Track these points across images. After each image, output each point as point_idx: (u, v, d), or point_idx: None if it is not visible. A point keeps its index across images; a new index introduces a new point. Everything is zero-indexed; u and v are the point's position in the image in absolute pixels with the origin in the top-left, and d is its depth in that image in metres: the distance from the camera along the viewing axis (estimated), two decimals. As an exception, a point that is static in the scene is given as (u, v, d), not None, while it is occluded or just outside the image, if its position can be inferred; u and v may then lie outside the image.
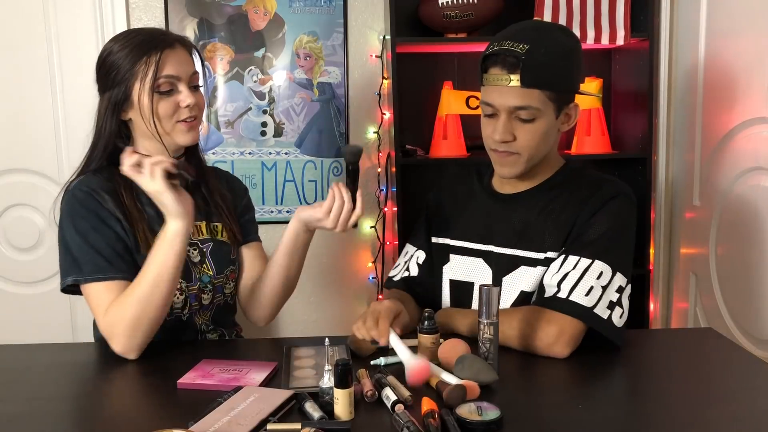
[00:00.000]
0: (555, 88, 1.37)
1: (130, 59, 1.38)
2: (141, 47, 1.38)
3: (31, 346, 1.47)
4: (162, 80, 1.38)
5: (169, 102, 1.40)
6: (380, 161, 2.59)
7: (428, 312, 1.29)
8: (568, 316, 1.30)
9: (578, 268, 1.34)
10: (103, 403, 1.21)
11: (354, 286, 2.67)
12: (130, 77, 1.38)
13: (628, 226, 1.42)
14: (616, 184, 1.45)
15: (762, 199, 2.06)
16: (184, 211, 1.31)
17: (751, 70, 2.09)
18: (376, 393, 1.11)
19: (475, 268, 1.50)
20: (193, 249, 1.49)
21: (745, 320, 2.15)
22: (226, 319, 1.58)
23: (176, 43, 1.42)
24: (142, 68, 1.37)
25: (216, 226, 1.55)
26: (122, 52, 1.39)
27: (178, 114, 1.41)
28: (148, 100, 1.38)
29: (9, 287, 2.57)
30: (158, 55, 1.38)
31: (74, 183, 1.43)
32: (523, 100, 1.37)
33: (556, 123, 1.42)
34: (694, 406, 1.13)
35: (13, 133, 2.49)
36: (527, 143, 1.40)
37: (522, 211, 1.46)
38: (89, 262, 1.36)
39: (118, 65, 1.39)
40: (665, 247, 2.66)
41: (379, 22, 2.55)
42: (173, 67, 1.39)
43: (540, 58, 1.35)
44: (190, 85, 1.43)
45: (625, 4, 2.37)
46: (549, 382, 1.26)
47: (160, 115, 1.39)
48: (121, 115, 1.42)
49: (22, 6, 2.44)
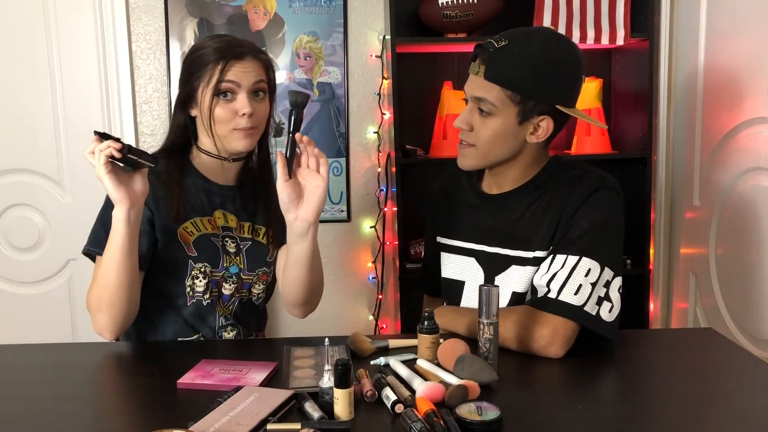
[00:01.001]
0: (517, 90, 1.35)
1: (203, 61, 1.45)
2: (215, 53, 1.44)
3: (31, 346, 1.47)
4: (223, 84, 1.43)
5: (227, 108, 1.44)
6: (380, 161, 2.60)
7: (428, 312, 1.28)
8: (559, 317, 1.30)
9: (566, 266, 1.34)
10: (103, 403, 1.21)
11: (354, 286, 2.67)
12: (198, 77, 1.45)
13: (613, 218, 1.38)
14: (598, 177, 1.41)
15: (762, 199, 2.06)
16: (121, 197, 1.31)
17: (751, 70, 2.09)
18: (376, 393, 1.11)
19: (467, 268, 1.50)
20: (232, 241, 1.54)
21: (745, 320, 2.15)
22: (248, 318, 1.59)
23: (247, 54, 1.46)
24: (210, 71, 1.43)
25: (259, 228, 1.58)
26: (203, 54, 1.46)
27: (236, 122, 1.45)
28: (208, 102, 1.44)
29: (9, 287, 2.57)
30: (226, 62, 1.43)
31: None
32: (481, 92, 1.38)
33: (518, 129, 1.39)
34: (694, 406, 1.13)
35: (13, 133, 2.49)
36: (481, 136, 1.40)
37: (509, 211, 1.46)
38: (94, 234, 1.45)
39: (195, 65, 1.46)
40: (665, 247, 2.66)
41: (379, 22, 2.55)
42: (236, 73, 1.44)
43: (510, 56, 1.35)
44: (252, 92, 1.46)
45: (625, 4, 2.37)
46: (549, 381, 1.26)
47: (217, 118, 1.44)
48: (189, 111, 1.50)
49: (22, 6, 2.45)
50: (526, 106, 1.37)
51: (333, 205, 2.62)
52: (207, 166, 1.54)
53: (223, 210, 1.54)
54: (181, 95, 1.50)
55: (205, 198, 1.52)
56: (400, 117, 2.39)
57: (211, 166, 1.54)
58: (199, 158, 1.54)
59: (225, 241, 1.53)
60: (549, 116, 1.39)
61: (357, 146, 2.61)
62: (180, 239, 1.47)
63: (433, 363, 1.24)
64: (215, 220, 1.53)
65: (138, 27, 2.50)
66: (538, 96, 1.36)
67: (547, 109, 1.38)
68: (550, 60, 1.36)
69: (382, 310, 2.65)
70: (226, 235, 1.53)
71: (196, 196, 1.51)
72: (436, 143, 2.51)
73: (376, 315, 2.65)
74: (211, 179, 1.54)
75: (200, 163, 1.54)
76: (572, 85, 1.40)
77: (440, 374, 1.19)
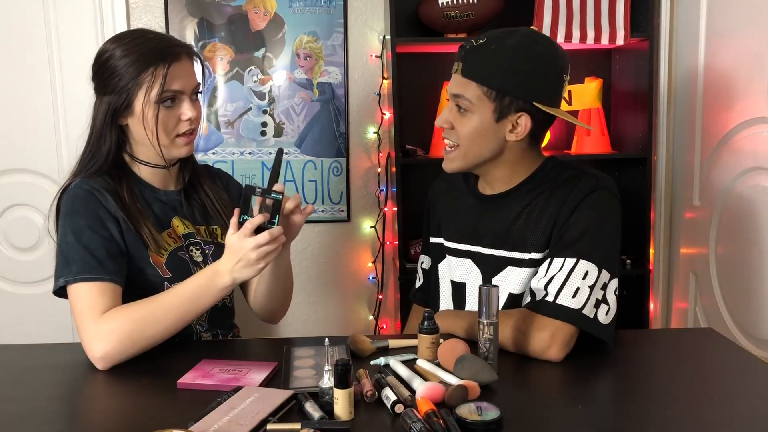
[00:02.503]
0: (492, 86, 1.36)
1: (136, 68, 1.37)
2: (148, 57, 1.37)
3: (31, 346, 1.47)
4: (168, 94, 1.39)
5: (171, 115, 1.41)
6: (380, 161, 2.59)
7: (428, 312, 1.29)
8: (558, 321, 1.29)
9: (564, 269, 1.33)
10: (103, 403, 1.21)
11: (354, 286, 2.67)
12: (134, 86, 1.38)
13: (609, 220, 1.38)
14: (594, 178, 1.40)
15: (762, 199, 2.06)
16: (245, 278, 1.30)
17: (751, 70, 2.09)
18: (376, 393, 1.11)
19: (466, 269, 1.50)
20: (196, 248, 1.50)
21: (745, 320, 2.15)
22: (223, 322, 1.58)
23: (182, 55, 1.42)
24: (148, 79, 1.37)
25: (215, 229, 1.56)
26: (127, 58, 1.38)
27: (178, 128, 1.42)
28: (153, 112, 1.39)
29: (9, 287, 2.57)
30: (166, 67, 1.37)
31: (75, 182, 1.43)
32: (459, 89, 1.39)
33: (495, 126, 1.39)
34: (694, 406, 1.13)
35: (13, 133, 2.49)
36: (460, 134, 1.41)
37: (504, 213, 1.45)
38: (79, 261, 1.33)
39: (121, 71, 1.38)
40: (665, 247, 2.66)
41: (379, 22, 2.55)
42: (179, 81, 1.40)
43: (486, 53, 1.35)
44: (192, 95, 1.44)
45: (625, 4, 2.37)
46: (549, 381, 1.26)
47: (161, 127, 1.40)
48: (119, 121, 1.43)
49: (23, 6, 2.44)
50: (503, 102, 1.37)
51: (333, 205, 2.62)
52: (148, 175, 1.49)
53: (178, 216, 1.51)
54: (114, 104, 1.39)
55: (159, 209, 1.48)
56: (400, 117, 2.39)
57: (152, 175, 1.50)
58: (138, 168, 1.49)
59: (190, 250, 1.49)
60: (527, 113, 1.38)
61: (357, 146, 2.61)
62: (153, 263, 1.43)
63: (433, 363, 1.24)
64: (175, 229, 1.49)
65: (138, 27, 2.50)
66: (513, 92, 1.36)
67: (525, 106, 1.37)
68: (525, 56, 1.35)
69: (382, 310, 2.65)
70: (189, 244, 1.50)
71: (150, 210, 1.47)
72: (436, 143, 2.51)
73: (376, 315, 2.65)
74: (157, 187, 1.50)
75: (141, 174, 1.49)
76: (550, 83, 1.39)
77: (440, 374, 1.19)
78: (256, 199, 1.30)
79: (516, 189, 1.45)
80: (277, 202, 1.28)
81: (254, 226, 1.26)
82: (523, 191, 1.45)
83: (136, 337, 1.30)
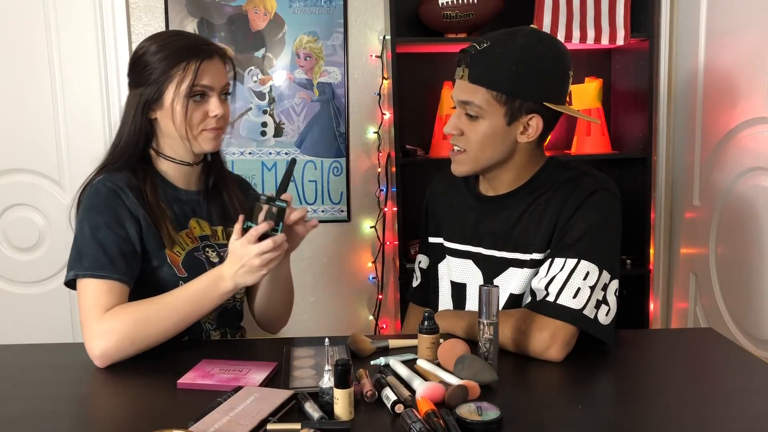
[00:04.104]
0: (502, 90, 1.35)
1: (169, 62, 1.40)
2: (181, 52, 1.40)
3: (31, 346, 1.47)
4: (198, 88, 1.41)
5: (200, 110, 1.43)
6: (380, 161, 2.60)
7: (428, 312, 1.29)
8: (558, 321, 1.29)
9: (565, 270, 1.33)
10: (104, 403, 1.21)
11: (354, 286, 2.67)
12: (165, 79, 1.40)
13: (610, 221, 1.38)
14: (595, 179, 1.40)
15: (762, 199, 2.06)
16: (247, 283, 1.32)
17: (751, 70, 2.09)
18: (376, 393, 1.11)
19: (467, 270, 1.50)
20: (212, 250, 1.51)
21: (745, 320, 2.15)
22: (231, 322, 1.59)
23: (215, 54, 1.44)
24: (179, 73, 1.40)
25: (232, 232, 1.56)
26: (161, 53, 1.41)
27: (205, 122, 1.44)
28: (182, 105, 1.41)
29: (9, 287, 2.57)
30: (198, 63, 1.40)
31: (99, 178, 1.44)
32: (467, 95, 1.37)
33: (507, 129, 1.38)
34: (694, 406, 1.13)
35: (13, 133, 2.49)
36: (471, 141, 1.40)
37: (505, 214, 1.45)
38: (91, 257, 1.35)
39: (154, 65, 1.41)
40: (665, 247, 2.66)
41: (379, 22, 2.55)
42: (210, 77, 1.42)
43: (492, 57, 1.35)
44: (221, 95, 1.46)
45: (625, 4, 2.37)
46: (549, 382, 1.26)
47: (188, 121, 1.42)
48: (149, 114, 1.45)
49: (23, 6, 2.45)
50: (513, 105, 1.36)
51: (333, 205, 2.62)
52: (171, 172, 1.50)
53: (196, 218, 1.52)
54: (146, 96, 1.42)
55: (178, 209, 1.48)
56: (400, 117, 2.39)
57: (175, 173, 1.50)
58: (162, 165, 1.49)
59: (206, 251, 1.50)
60: (538, 114, 1.38)
61: (357, 146, 2.61)
62: (169, 261, 1.43)
63: (433, 363, 1.24)
64: (192, 231, 1.50)
65: (138, 27, 2.50)
66: (523, 94, 1.36)
67: (535, 107, 1.37)
68: (532, 57, 1.35)
69: (382, 310, 2.66)
70: (205, 245, 1.50)
71: (170, 209, 1.47)
72: (436, 143, 2.51)
73: (376, 315, 2.65)
74: (178, 186, 1.51)
75: (164, 171, 1.50)
76: (558, 81, 1.39)
77: (440, 374, 1.19)
78: (261, 207, 1.31)
79: (517, 190, 1.45)
80: (281, 210, 1.30)
81: (259, 234, 1.27)
82: (524, 193, 1.45)
83: (136, 336, 1.30)
